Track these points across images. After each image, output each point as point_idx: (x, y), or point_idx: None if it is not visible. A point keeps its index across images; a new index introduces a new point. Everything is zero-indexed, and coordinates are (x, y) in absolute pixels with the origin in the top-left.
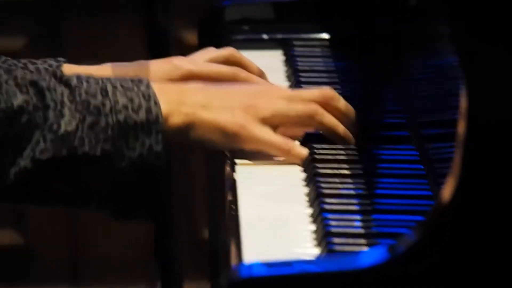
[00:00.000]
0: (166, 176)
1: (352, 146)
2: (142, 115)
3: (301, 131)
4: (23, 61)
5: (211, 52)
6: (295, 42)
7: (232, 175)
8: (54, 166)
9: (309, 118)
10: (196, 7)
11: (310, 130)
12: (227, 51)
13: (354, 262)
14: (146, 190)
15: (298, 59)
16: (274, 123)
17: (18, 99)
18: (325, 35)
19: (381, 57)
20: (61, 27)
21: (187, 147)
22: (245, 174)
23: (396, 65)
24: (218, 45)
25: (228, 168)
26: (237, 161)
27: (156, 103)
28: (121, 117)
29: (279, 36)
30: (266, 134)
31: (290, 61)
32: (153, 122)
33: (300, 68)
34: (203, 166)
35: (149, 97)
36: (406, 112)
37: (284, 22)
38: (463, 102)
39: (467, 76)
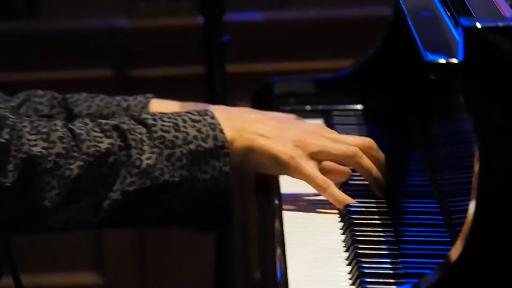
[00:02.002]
0: (233, 193)
1: (383, 200)
2: (210, 142)
3: (343, 178)
4: (118, 98)
5: None
6: (334, 112)
7: (280, 226)
8: (140, 194)
9: (349, 158)
10: (248, 83)
11: (348, 177)
12: None
13: None
14: (220, 206)
15: (337, 126)
16: (319, 158)
17: (105, 143)
18: (359, 106)
19: (406, 124)
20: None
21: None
22: (291, 223)
23: (419, 131)
24: None
25: (276, 218)
26: (284, 210)
27: (222, 131)
28: (192, 146)
29: (320, 107)
30: (310, 168)
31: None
32: (220, 147)
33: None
34: (257, 210)
35: (214, 126)
36: (428, 171)
37: (324, 95)
38: (477, 163)
39: (481, 140)
